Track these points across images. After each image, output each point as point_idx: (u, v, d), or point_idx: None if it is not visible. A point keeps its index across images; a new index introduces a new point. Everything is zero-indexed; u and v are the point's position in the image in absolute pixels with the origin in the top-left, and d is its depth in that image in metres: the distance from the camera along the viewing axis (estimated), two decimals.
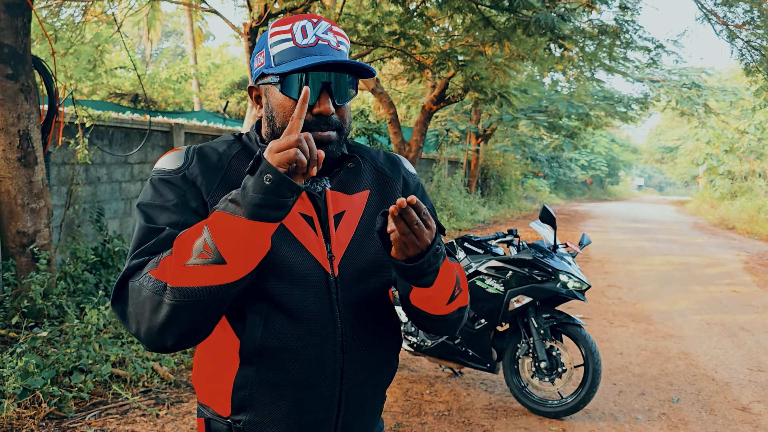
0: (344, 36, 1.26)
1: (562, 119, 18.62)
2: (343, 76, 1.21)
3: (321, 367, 1.21)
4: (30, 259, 4.92)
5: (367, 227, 1.29)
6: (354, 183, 1.32)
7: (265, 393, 1.20)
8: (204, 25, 24.10)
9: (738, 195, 22.87)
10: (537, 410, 3.93)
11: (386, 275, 1.31)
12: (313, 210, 1.24)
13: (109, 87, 15.57)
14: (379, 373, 1.31)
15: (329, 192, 1.27)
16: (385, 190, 1.36)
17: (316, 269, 1.21)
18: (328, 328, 1.21)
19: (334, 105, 1.21)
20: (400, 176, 1.41)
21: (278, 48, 1.21)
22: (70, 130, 6.17)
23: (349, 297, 1.24)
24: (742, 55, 10.46)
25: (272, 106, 1.23)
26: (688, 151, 31.70)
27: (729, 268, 10.42)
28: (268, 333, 1.18)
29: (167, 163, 1.23)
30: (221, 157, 1.25)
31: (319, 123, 1.20)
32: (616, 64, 13.43)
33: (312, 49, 1.20)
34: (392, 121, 12.81)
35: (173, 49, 36.61)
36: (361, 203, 1.31)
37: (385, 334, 1.31)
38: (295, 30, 1.21)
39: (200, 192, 1.20)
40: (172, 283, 1.06)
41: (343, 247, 1.25)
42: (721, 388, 4.56)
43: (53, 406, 3.44)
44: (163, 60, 29.00)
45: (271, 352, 1.19)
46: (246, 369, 1.20)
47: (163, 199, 1.19)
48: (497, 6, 8.16)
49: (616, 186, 48.65)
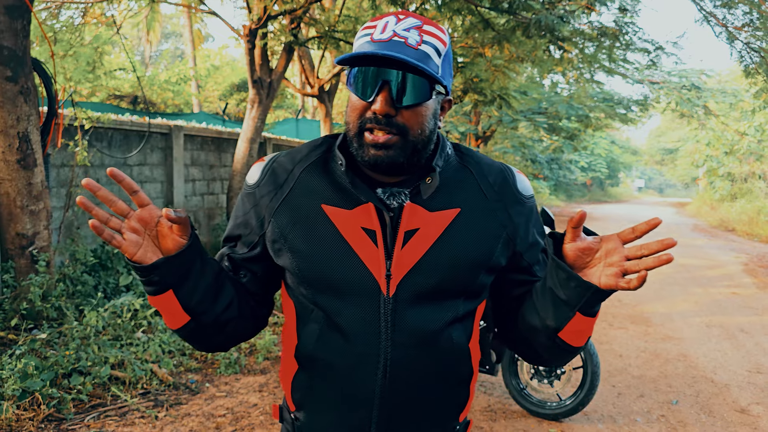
0: (436, 36, 1.13)
1: (561, 121, 18.63)
2: (411, 76, 1.10)
3: (360, 387, 1.17)
4: (29, 261, 4.92)
5: (444, 249, 1.17)
6: (442, 199, 1.20)
7: (314, 400, 1.23)
8: (203, 26, 24.13)
9: (738, 197, 22.86)
10: (536, 412, 3.93)
11: (452, 304, 1.19)
12: (378, 224, 1.16)
13: (109, 89, 15.59)
14: (431, 404, 1.21)
15: (407, 206, 1.17)
16: (479, 214, 1.21)
17: (370, 286, 1.15)
18: (372, 348, 1.15)
19: (394, 106, 1.10)
20: (507, 200, 1.25)
21: (358, 42, 1.14)
22: (70, 132, 6.18)
23: (402, 320, 1.15)
24: (742, 57, 10.46)
25: (349, 98, 1.18)
26: (688, 152, 31.71)
27: (729, 269, 10.42)
28: (320, 343, 1.19)
29: (251, 176, 1.27)
30: (294, 168, 1.23)
31: (375, 123, 1.11)
32: (616, 66, 13.44)
33: (382, 44, 1.09)
34: None
35: (173, 51, 36.63)
36: (444, 222, 1.18)
37: (444, 363, 1.20)
38: (379, 24, 1.12)
39: (263, 212, 1.23)
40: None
41: (407, 266, 1.15)
42: (720, 390, 4.56)
43: (52, 407, 3.44)
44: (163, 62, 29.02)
45: (319, 362, 1.20)
46: (301, 373, 1.23)
47: (237, 213, 1.28)
48: (497, 8, 8.16)
49: (617, 188, 48.66)
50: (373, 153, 1.13)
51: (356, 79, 1.13)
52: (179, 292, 1.13)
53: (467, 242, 1.19)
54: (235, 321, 1.24)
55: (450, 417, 1.25)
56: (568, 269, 1.09)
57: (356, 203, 1.17)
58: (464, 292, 1.20)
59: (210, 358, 4.76)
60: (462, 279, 1.19)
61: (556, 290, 1.13)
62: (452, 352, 1.20)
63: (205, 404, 3.92)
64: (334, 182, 1.20)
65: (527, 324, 1.22)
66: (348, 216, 1.17)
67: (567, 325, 1.15)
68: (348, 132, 1.17)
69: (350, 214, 1.17)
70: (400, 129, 1.12)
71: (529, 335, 1.23)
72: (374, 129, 1.12)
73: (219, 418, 3.72)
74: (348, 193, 1.18)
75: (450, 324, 1.19)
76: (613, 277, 1.07)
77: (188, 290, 1.14)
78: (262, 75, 8.22)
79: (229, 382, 4.34)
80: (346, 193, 1.19)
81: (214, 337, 1.24)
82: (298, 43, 8.21)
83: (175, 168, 8.00)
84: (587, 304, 1.11)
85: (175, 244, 1.11)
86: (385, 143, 1.12)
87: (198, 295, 1.15)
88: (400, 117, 1.12)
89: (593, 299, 1.10)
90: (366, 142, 1.13)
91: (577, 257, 1.11)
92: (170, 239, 1.11)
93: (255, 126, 8.31)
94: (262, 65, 8.20)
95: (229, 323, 1.23)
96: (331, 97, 11.80)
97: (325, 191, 1.20)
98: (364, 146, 1.14)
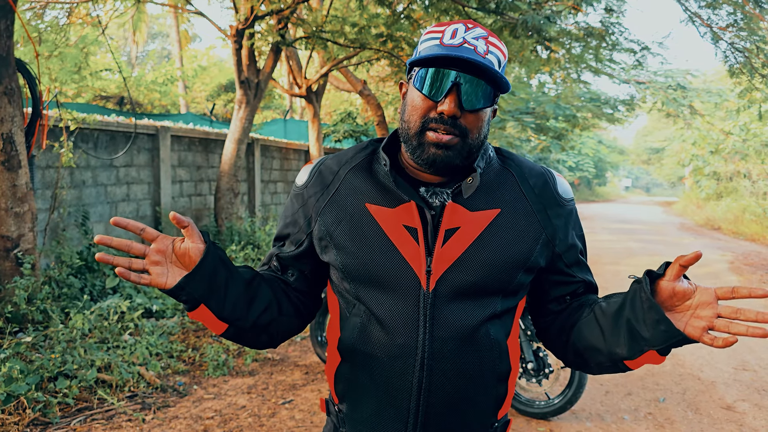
0: (500, 48, 1.19)
1: (549, 121, 18.70)
2: (479, 82, 1.15)
3: (399, 378, 1.21)
4: (14, 263, 4.87)
5: (483, 248, 1.21)
6: (483, 199, 1.24)
7: (355, 391, 1.27)
8: (190, 27, 24.02)
9: (724, 195, 23.07)
10: (524, 411, 3.94)
11: (490, 301, 1.23)
12: (419, 222, 1.21)
13: (95, 89, 15.47)
14: (466, 398, 1.23)
15: (449, 205, 1.21)
16: (520, 214, 1.25)
17: (411, 281, 1.20)
18: (411, 342, 1.19)
19: (460, 107, 1.16)
20: (548, 202, 1.28)
21: (425, 45, 1.20)
22: (55, 133, 6.13)
23: (441, 315, 1.19)
24: (726, 57, 10.55)
25: (407, 99, 1.23)
26: (674, 152, 31.95)
27: (714, 268, 10.51)
28: (362, 336, 1.24)
29: (299, 178, 1.35)
30: (340, 170, 1.30)
31: (440, 123, 1.16)
32: (603, 66, 13.52)
33: (453, 49, 1.14)
34: (380, 123, 12.82)
35: (159, 51, 36.44)
36: (484, 222, 1.22)
37: (481, 359, 1.23)
38: (447, 31, 1.18)
39: (311, 212, 1.30)
40: None
41: (447, 263, 1.20)
42: (706, 387, 4.60)
43: (38, 411, 3.41)
44: (149, 62, 28.85)
45: (361, 354, 1.24)
46: (343, 365, 1.28)
47: (287, 212, 1.36)
48: (484, 8, 8.18)
49: (604, 187, 48.97)
50: (434, 152, 1.18)
51: (424, 79, 1.17)
52: (210, 304, 1.20)
53: (507, 242, 1.23)
54: (276, 321, 1.31)
55: (488, 413, 1.28)
56: (662, 313, 1.08)
57: (399, 202, 1.23)
58: (502, 290, 1.24)
59: (198, 360, 4.74)
60: (500, 277, 1.22)
61: (637, 326, 1.12)
62: (490, 348, 1.24)
63: (193, 406, 3.90)
64: (378, 182, 1.27)
65: (586, 342, 1.25)
66: (391, 214, 1.23)
67: (639, 357, 1.16)
68: (407, 130, 1.21)
69: (393, 212, 1.23)
70: (462, 131, 1.17)
71: (585, 352, 1.26)
72: (438, 129, 1.17)
73: (207, 420, 3.70)
74: (391, 193, 1.24)
75: (488, 320, 1.23)
76: (699, 330, 1.07)
77: (218, 301, 1.21)
78: (250, 75, 8.19)
79: (217, 384, 4.32)
80: (389, 192, 1.24)
81: (258, 337, 1.31)
82: (286, 44, 8.19)
83: (162, 169, 7.95)
84: (667, 345, 1.10)
85: (196, 253, 1.17)
86: (448, 143, 1.17)
87: (230, 304, 1.22)
88: (463, 119, 1.17)
89: (675, 342, 1.10)
90: (428, 141, 1.18)
91: (668, 298, 1.10)
92: (190, 252, 1.17)
93: (242, 127, 8.28)
94: (249, 66, 8.18)
95: (270, 324, 1.30)
96: (318, 97, 11.78)
97: (369, 191, 1.26)
98: (424, 145, 1.18)
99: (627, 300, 1.15)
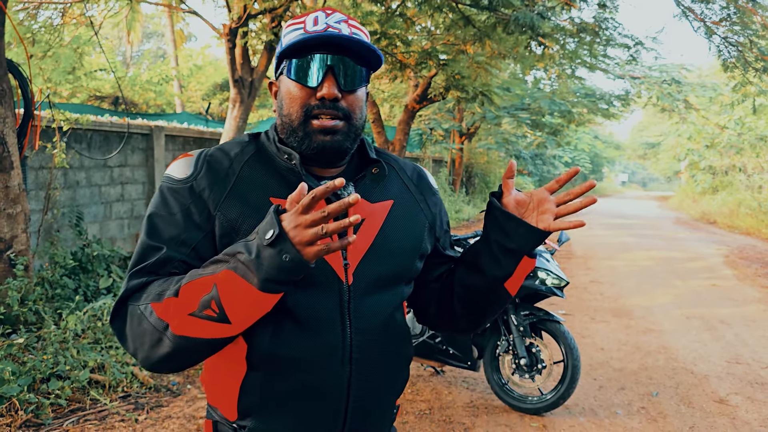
0: (362, 30, 1.21)
1: (545, 117, 18.70)
2: (352, 63, 1.18)
3: (328, 377, 1.18)
4: (7, 265, 4.86)
5: (387, 238, 1.25)
6: (378, 191, 1.29)
7: (271, 400, 1.19)
8: (186, 26, 23.95)
9: (719, 189, 23.10)
10: (517, 407, 3.95)
11: (399, 288, 1.29)
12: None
13: (89, 90, 15.44)
14: (388, 386, 1.28)
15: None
16: (409, 204, 1.33)
17: (330, 276, 1.18)
18: (337, 338, 1.18)
19: (339, 90, 1.17)
20: (426, 193, 1.39)
21: (290, 36, 1.19)
22: (48, 133, 6.11)
23: (361, 306, 1.20)
24: (720, 52, 10.55)
25: (281, 93, 1.22)
26: (669, 146, 31.97)
27: (710, 262, 10.53)
28: (277, 340, 1.16)
29: (177, 170, 1.21)
30: (232, 163, 1.22)
31: (323, 108, 1.16)
32: (597, 62, 13.52)
33: (320, 34, 1.16)
34: (375, 120, 12.82)
35: (155, 51, 36.35)
36: (383, 213, 1.27)
37: (397, 346, 1.29)
38: (307, 20, 1.20)
39: (207, 206, 1.17)
40: (174, 329, 1.08)
41: (359, 255, 1.21)
42: (699, 381, 4.61)
43: (30, 413, 3.41)
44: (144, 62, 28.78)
45: (279, 359, 1.17)
46: (253, 375, 1.18)
47: (168, 210, 1.18)
48: (477, 4, 8.18)
49: (600, 182, 48.96)
50: (321, 139, 1.18)
51: (298, 68, 1.18)
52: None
53: (404, 230, 1.29)
54: None
55: (396, 398, 1.34)
56: (519, 219, 1.23)
57: None
58: (406, 277, 1.30)
59: None
60: (405, 265, 1.28)
61: (503, 241, 1.25)
62: (402, 334, 1.31)
63: (186, 406, 3.90)
64: (280, 176, 1.22)
65: (468, 287, 1.33)
66: None
67: (515, 270, 1.27)
68: (290, 124, 1.20)
69: None
70: (345, 113, 1.19)
71: (471, 298, 1.34)
72: (321, 114, 1.17)
73: (200, 419, 3.70)
74: (295, 186, 1.18)
75: (397, 308, 1.29)
76: (548, 221, 1.23)
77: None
78: (244, 74, 8.18)
79: None
80: (293, 186, 1.20)
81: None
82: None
83: (157, 169, 7.94)
84: (533, 246, 1.24)
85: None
86: (333, 128, 1.17)
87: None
88: (344, 101, 1.19)
89: (538, 241, 1.23)
90: (314, 128, 1.18)
91: (515, 209, 1.25)
92: None
93: (237, 125, 8.26)
94: (243, 64, 8.16)
95: None
96: None
97: (272, 185, 1.21)
98: (310, 134, 1.18)
99: (489, 229, 1.27)
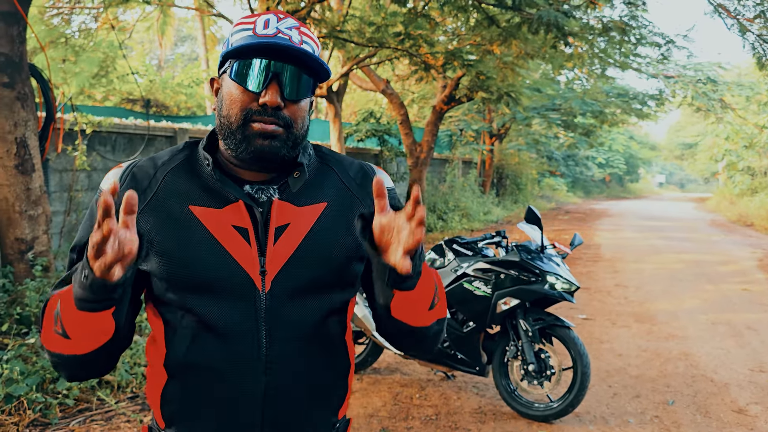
0: (313, 39, 1.18)
1: (576, 117, 18.45)
2: (299, 72, 1.15)
3: (242, 387, 1.15)
4: (28, 265, 4.97)
5: (315, 242, 1.19)
6: (309, 194, 1.23)
7: (190, 410, 1.18)
8: (218, 29, 24.28)
9: (758, 191, 22.48)
10: (526, 414, 3.88)
11: (328, 296, 1.22)
12: (249, 221, 1.16)
13: (122, 93, 15.76)
14: (313, 400, 1.22)
15: (276, 202, 1.19)
16: (346, 206, 1.26)
17: (245, 284, 1.15)
18: (253, 347, 1.15)
19: (282, 98, 1.14)
20: (369, 191, 1.29)
21: (237, 36, 1.16)
22: (72, 136, 6.24)
23: (279, 315, 1.16)
24: (754, 49, 10.26)
25: (222, 93, 1.18)
26: (707, 147, 31.25)
27: (743, 265, 10.24)
28: (194, 348, 1.15)
29: (105, 182, 1.19)
30: (156, 172, 1.20)
31: (263, 115, 1.14)
32: (629, 61, 13.27)
33: (269, 38, 1.13)
34: (403, 122, 12.80)
35: (188, 54, 36.93)
36: (313, 216, 1.21)
37: (325, 358, 1.22)
38: (258, 21, 1.16)
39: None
40: (42, 342, 1.13)
41: (281, 261, 1.16)
42: (719, 390, 4.47)
43: (38, 412, 3.47)
44: (178, 65, 29.25)
45: (195, 368, 1.16)
46: (172, 383, 1.18)
47: (92, 221, 1.17)
48: (501, 4, 8.10)
49: (636, 183, 48.13)
50: (260, 143, 1.14)
51: (241, 70, 1.15)
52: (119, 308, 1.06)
53: (337, 234, 1.22)
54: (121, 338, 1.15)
55: (330, 413, 1.27)
56: (372, 250, 1.08)
57: (226, 202, 1.17)
58: (339, 282, 1.23)
59: None
60: (335, 270, 1.21)
61: (376, 275, 1.14)
62: (330, 346, 1.24)
63: None
64: (202, 183, 1.20)
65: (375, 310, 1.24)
66: (218, 215, 1.16)
67: (393, 301, 1.14)
68: (228, 126, 1.16)
69: (220, 213, 1.17)
70: (286, 122, 1.16)
71: (380, 322, 1.25)
72: (262, 120, 1.14)
73: None
74: (216, 193, 1.18)
75: (327, 317, 1.22)
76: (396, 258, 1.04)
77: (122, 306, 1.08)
78: None
79: None
80: (214, 192, 1.18)
81: (112, 358, 1.16)
82: None
83: None
84: (395, 283, 1.10)
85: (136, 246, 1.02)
86: (273, 132, 1.14)
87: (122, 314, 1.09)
88: (286, 110, 1.16)
89: (398, 278, 1.08)
90: (253, 131, 1.14)
91: (381, 236, 1.07)
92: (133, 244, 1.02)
93: None
94: None
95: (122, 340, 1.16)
96: (339, 97, 11.78)
97: (193, 192, 1.18)
98: (249, 137, 1.15)
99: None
